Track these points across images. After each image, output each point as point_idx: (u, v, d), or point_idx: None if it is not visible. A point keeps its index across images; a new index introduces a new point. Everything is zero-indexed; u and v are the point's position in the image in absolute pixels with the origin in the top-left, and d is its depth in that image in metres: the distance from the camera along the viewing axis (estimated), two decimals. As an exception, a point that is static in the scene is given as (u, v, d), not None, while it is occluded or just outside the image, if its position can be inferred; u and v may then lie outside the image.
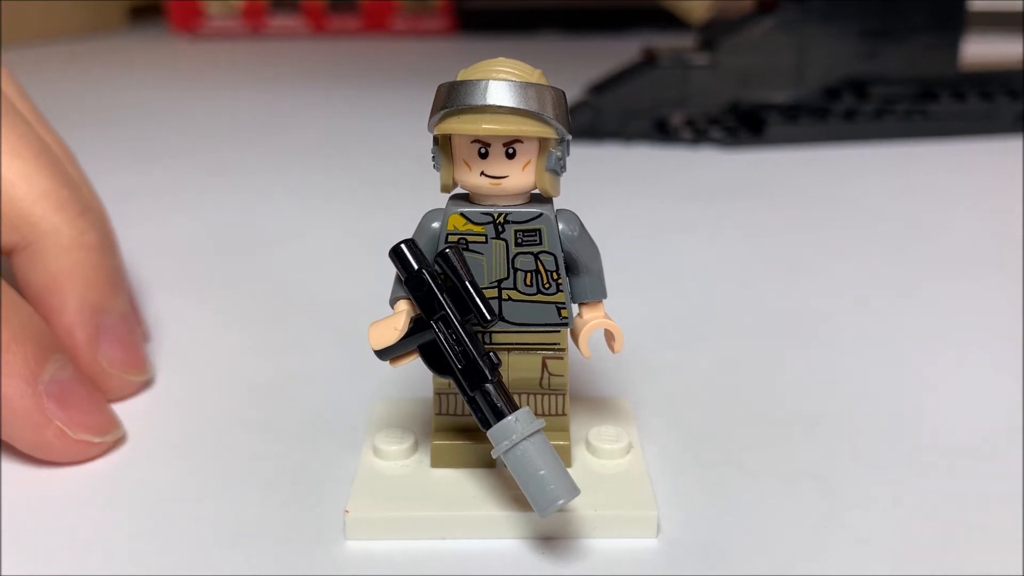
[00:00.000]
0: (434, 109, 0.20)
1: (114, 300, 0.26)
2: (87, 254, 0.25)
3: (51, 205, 0.25)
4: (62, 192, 0.25)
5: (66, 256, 0.25)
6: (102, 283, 0.25)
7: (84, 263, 0.25)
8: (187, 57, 0.89)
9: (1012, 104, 0.53)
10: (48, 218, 0.25)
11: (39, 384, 0.22)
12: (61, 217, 0.25)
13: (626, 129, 0.53)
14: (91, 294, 0.25)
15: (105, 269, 0.26)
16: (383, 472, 0.22)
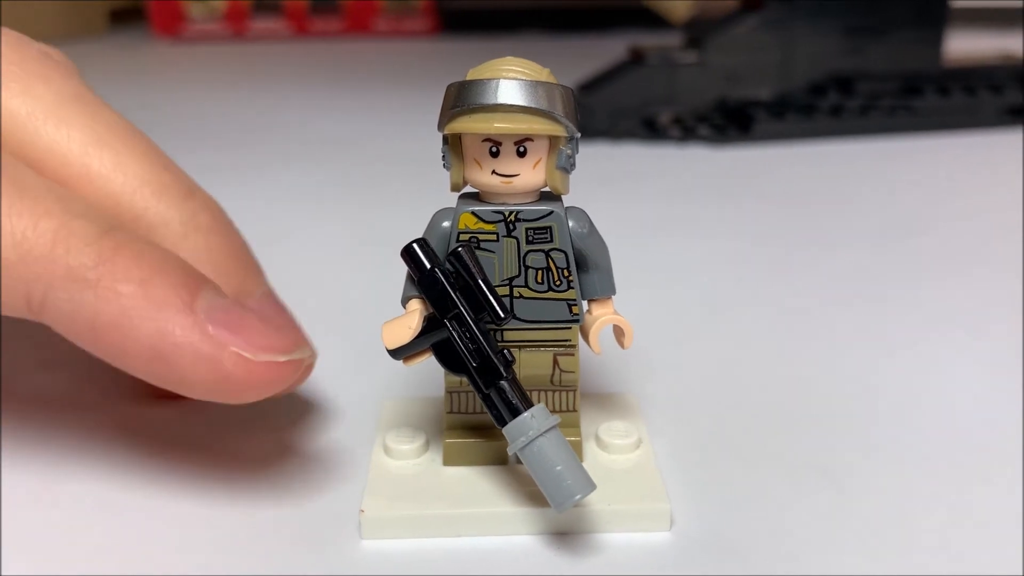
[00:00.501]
0: (444, 108, 0.20)
1: (251, 280, 0.23)
2: (206, 238, 0.22)
3: (153, 192, 0.22)
4: (163, 176, 0.22)
5: (184, 244, 0.22)
6: (232, 265, 0.23)
7: (206, 248, 0.22)
8: (169, 61, 0.88)
9: (995, 99, 0.54)
10: (153, 207, 0.22)
11: (198, 312, 0.19)
12: (167, 204, 0.22)
13: (615, 128, 0.53)
14: (224, 280, 0.22)
15: (231, 249, 0.23)
16: (396, 471, 0.22)
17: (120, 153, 0.22)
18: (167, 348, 0.19)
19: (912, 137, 0.53)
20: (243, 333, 0.19)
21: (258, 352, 0.19)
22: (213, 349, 0.19)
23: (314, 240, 0.39)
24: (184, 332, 0.19)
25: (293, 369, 0.20)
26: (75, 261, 0.19)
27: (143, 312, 0.19)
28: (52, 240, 0.19)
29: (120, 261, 0.19)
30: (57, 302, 0.19)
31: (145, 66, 0.85)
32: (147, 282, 0.19)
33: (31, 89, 0.22)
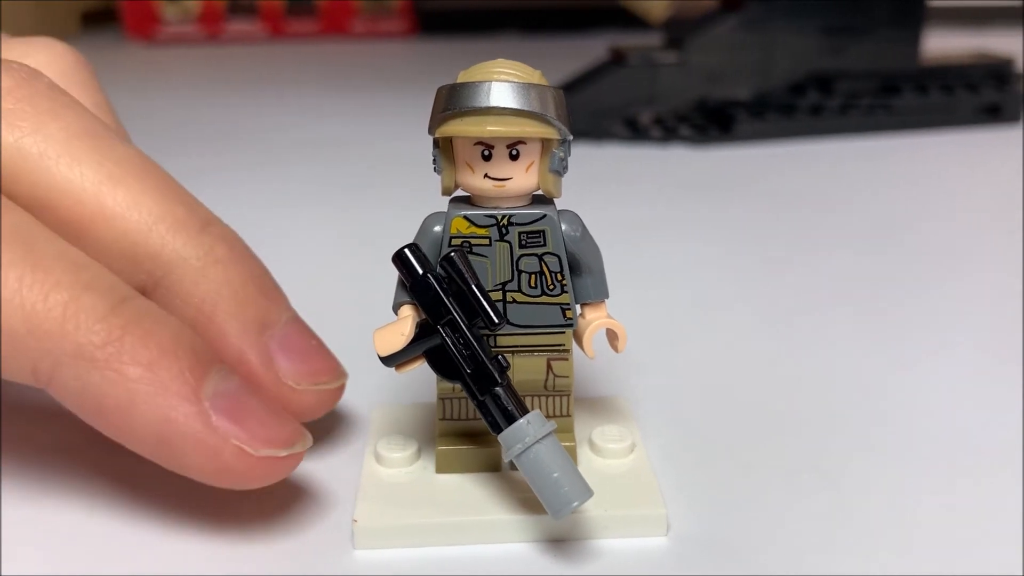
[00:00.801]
0: (434, 111, 0.20)
1: (275, 309, 0.22)
2: (226, 269, 0.22)
3: (168, 228, 0.21)
4: (178, 211, 0.22)
5: (204, 280, 0.21)
6: (254, 295, 0.22)
7: (226, 281, 0.22)
8: (143, 64, 0.87)
9: (971, 97, 0.54)
10: (170, 244, 0.21)
11: (203, 400, 0.19)
12: (183, 239, 0.22)
13: (596, 128, 0.53)
14: (247, 311, 0.22)
15: (252, 279, 0.22)
16: (388, 479, 0.21)
17: (134, 189, 0.22)
18: (170, 435, 0.19)
19: (891, 136, 0.54)
20: (246, 424, 0.19)
21: (259, 447, 0.19)
22: (215, 441, 0.19)
23: (295, 245, 0.39)
24: (188, 421, 0.19)
25: (293, 462, 0.20)
26: (84, 339, 0.18)
27: (149, 398, 0.19)
28: (62, 315, 0.18)
29: (128, 341, 0.19)
30: (64, 379, 0.19)
31: (118, 69, 0.83)
32: (154, 365, 0.19)
33: (42, 127, 0.21)
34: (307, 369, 0.22)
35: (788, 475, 0.22)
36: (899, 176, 0.47)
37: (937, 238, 0.39)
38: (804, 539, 0.20)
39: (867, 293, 0.33)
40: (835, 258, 0.37)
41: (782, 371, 0.28)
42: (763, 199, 0.44)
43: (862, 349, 0.29)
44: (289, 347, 0.22)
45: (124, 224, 0.21)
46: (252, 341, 0.22)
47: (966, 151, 0.51)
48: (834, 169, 0.49)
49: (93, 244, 0.21)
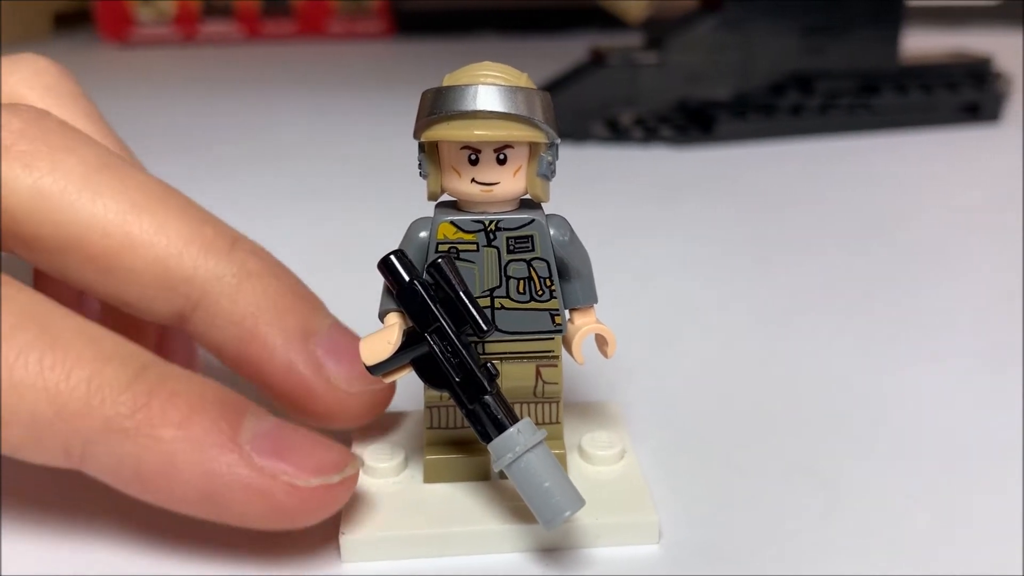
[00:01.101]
0: (420, 115, 0.19)
1: (316, 316, 0.22)
2: (262, 283, 0.22)
3: (199, 249, 0.21)
4: (206, 231, 0.22)
5: (241, 297, 0.21)
6: (292, 303, 0.22)
7: (264, 293, 0.22)
8: (117, 66, 0.86)
9: (951, 96, 0.55)
10: (203, 265, 0.21)
11: (243, 445, 0.18)
12: (216, 258, 0.21)
13: (578, 129, 0.53)
14: (289, 321, 0.22)
15: (288, 288, 0.22)
16: (374, 490, 0.21)
17: (159, 215, 0.21)
18: (217, 488, 0.18)
19: (871, 135, 0.54)
20: (291, 457, 0.19)
21: (309, 477, 0.19)
22: (263, 482, 0.18)
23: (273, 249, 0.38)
24: (231, 469, 0.18)
25: (348, 488, 0.19)
26: (112, 411, 0.18)
27: (187, 455, 0.18)
28: (86, 392, 0.18)
29: (156, 405, 0.18)
30: (98, 454, 0.18)
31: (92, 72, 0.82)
32: (186, 423, 0.18)
33: (59, 164, 0.21)
34: (358, 370, 0.22)
35: (780, 479, 0.22)
36: (881, 175, 0.48)
37: (921, 237, 0.39)
38: (798, 544, 0.20)
39: (853, 293, 0.33)
40: (820, 258, 0.37)
41: (772, 372, 0.28)
42: (745, 200, 0.44)
43: (851, 349, 0.29)
44: (336, 351, 0.22)
45: (154, 250, 0.21)
46: (298, 349, 0.21)
47: (946, 150, 0.52)
48: (816, 169, 0.49)
49: (125, 275, 0.21)
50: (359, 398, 0.22)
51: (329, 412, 0.22)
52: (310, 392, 0.21)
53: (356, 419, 0.22)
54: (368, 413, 0.22)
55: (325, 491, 0.19)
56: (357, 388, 0.22)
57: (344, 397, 0.22)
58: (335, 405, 0.22)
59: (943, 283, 0.34)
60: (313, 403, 0.22)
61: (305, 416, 0.22)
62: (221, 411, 0.19)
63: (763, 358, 0.29)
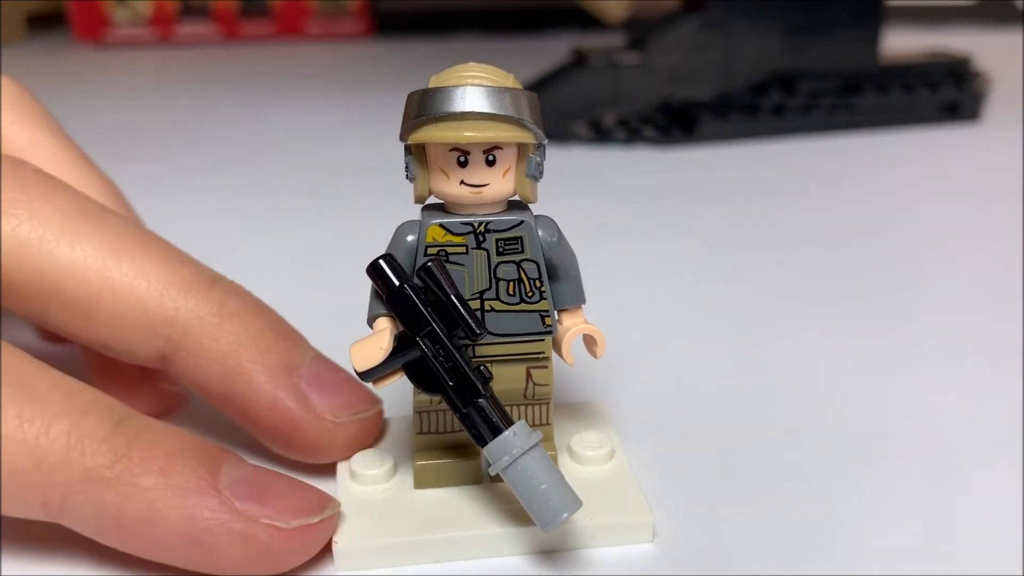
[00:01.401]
0: (406, 117, 0.19)
1: (298, 351, 0.22)
2: (242, 321, 0.22)
3: (179, 291, 0.22)
4: (184, 273, 0.22)
5: (223, 335, 0.21)
6: (274, 339, 0.22)
7: (245, 331, 0.22)
8: (92, 67, 0.85)
9: (931, 96, 0.55)
10: (183, 305, 0.21)
11: (223, 491, 0.19)
12: (196, 298, 0.22)
13: (561, 130, 0.53)
14: (272, 357, 0.22)
15: (268, 325, 0.22)
16: (365, 497, 0.21)
17: (137, 259, 0.22)
18: (199, 533, 0.18)
19: (853, 135, 0.54)
20: (271, 501, 0.19)
21: (290, 518, 0.19)
22: (244, 526, 0.18)
23: (253, 254, 0.38)
24: (213, 514, 0.18)
25: (328, 527, 0.20)
26: (91, 463, 0.18)
27: (168, 502, 0.18)
28: (66, 444, 0.18)
29: (136, 455, 0.19)
30: (78, 506, 0.18)
31: (66, 73, 0.81)
32: (166, 471, 0.18)
33: (37, 213, 0.21)
34: (343, 401, 0.22)
35: (769, 477, 0.22)
36: (863, 175, 0.48)
37: (903, 237, 0.39)
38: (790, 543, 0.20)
39: (837, 292, 0.33)
40: (804, 257, 0.37)
41: (758, 372, 0.28)
42: (729, 200, 0.44)
43: (836, 349, 0.29)
44: (320, 383, 0.22)
45: (134, 294, 0.21)
46: (283, 384, 0.22)
47: (928, 149, 0.52)
48: (798, 169, 0.49)
49: (105, 319, 0.21)
50: (346, 428, 0.22)
51: (317, 445, 0.22)
52: (297, 426, 0.21)
53: (344, 450, 0.22)
54: (356, 444, 0.22)
55: (305, 532, 0.19)
56: (344, 418, 0.22)
57: (331, 428, 0.22)
58: (322, 437, 0.22)
59: (927, 282, 0.34)
60: (300, 436, 0.22)
61: (293, 450, 0.22)
62: (200, 459, 0.19)
63: (748, 358, 0.29)
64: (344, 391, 0.22)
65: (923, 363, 0.28)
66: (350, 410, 0.22)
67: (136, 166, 0.51)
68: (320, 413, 0.22)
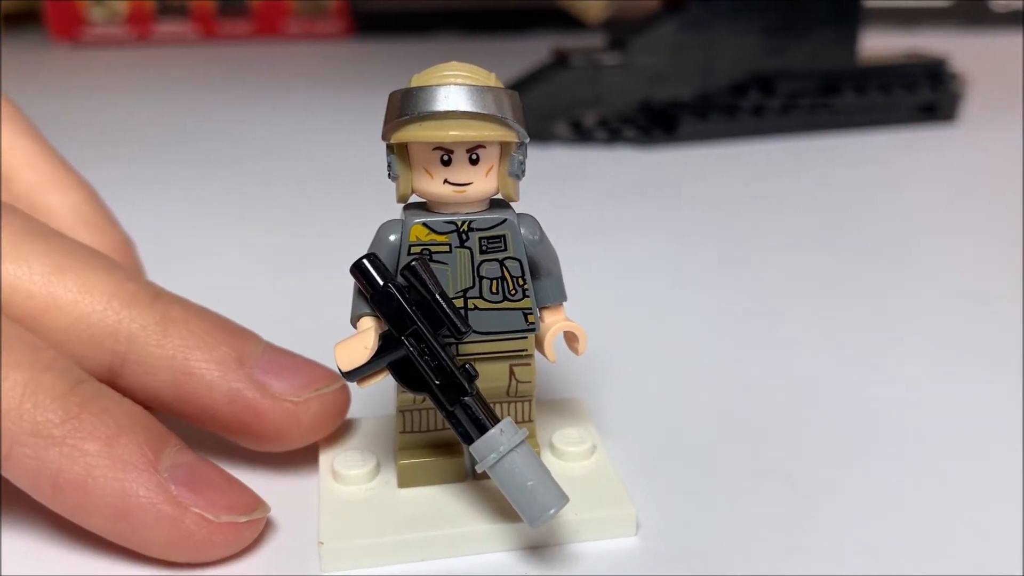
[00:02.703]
0: (388, 117, 0.19)
1: (249, 343, 0.22)
2: (187, 324, 0.22)
3: (123, 303, 0.22)
4: (129, 286, 0.22)
5: (168, 340, 0.21)
6: (223, 337, 0.22)
7: (191, 333, 0.22)
8: (69, 66, 0.84)
9: (908, 96, 0.56)
10: (127, 316, 0.21)
11: (161, 472, 0.19)
12: (139, 309, 0.22)
13: (542, 130, 0.53)
14: (222, 351, 0.22)
15: (215, 325, 0.22)
16: (349, 497, 0.21)
17: (82, 275, 0.22)
18: (130, 507, 0.19)
19: (831, 135, 0.55)
20: (205, 493, 0.19)
21: (220, 513, 0.19)
22: (175, 510, 0.19)
23: (232, 254, 0.38)
24: (147, 492, 0.19)
25: (254, 529, 0.20)
26: (41, 417, 0.19)
27: (107, 471, 0.19)
28: (21, 394, 0.19)
29: (86, 418, 0.19)
30: (21, 457, 0.19)
31: (42, 73, 0.81)
32: (112, 440, 0.19)
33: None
34: (302, 381, 0.22)
35: (750, 473, 0.23)
36: (842, 175, 0.48)
37: (881, 236, 0.39)
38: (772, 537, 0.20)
39: (817, 291, 0.34)
40: (783, 257, 0.37)
41: (737, 371, 0.28)
42: (710, 199, 0.45)
43: (815, 347, 0.29)
44: (276, 368, 0.22)
45: (78, 308, 0.21)
46: (237, 375, 0.21)
47: (905, 149, 0.52)
48: (778, 168, 0.49)
49: (51, 334, 0.21)
50: (308, 406, 0.22)
51: (281, 429, 0.22)
52: (257, 412, 0.21)
53: (311, 431, 0.22)
54: (322, 423, 0.22)
55: (232, 529, 0.19)
56: (304, 396, 0.22)
57: (293, 408, 0.22)
58: (286, 419, 0.21)
59: (905, 280, 0.34)
60: (263, 423, 0.21)
61: (260, 440, 0.22)
62: (146, 436, 0.19)
63: (728, 355, 0.29)
64: (301, 372, 0.22)
65: (903, 360, 0.28)
66: (310, 388, 0.22)
67: (114, 166, 0.50)
68: (280, 396, 0.21)
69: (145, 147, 0.55)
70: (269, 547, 0.20)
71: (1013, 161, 0.50)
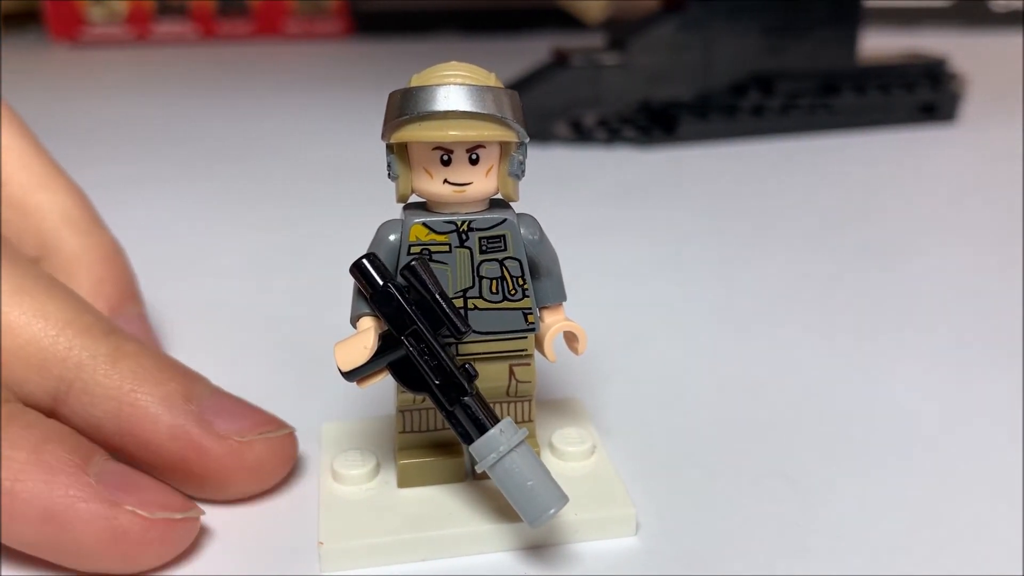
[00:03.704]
0: (388, 117, 0.19)
1: (197, 384, 0.22)
2: (138, 359, 0.21)
3: (77, 332, 0.21)
4: (85, 318, 0.22)
5: (117, 371, 0.21)
6: (172, 374, 0.21)
7: (141, 366, 0.21)
8: (68, 66, 0.84)
9: (908, 96, 0.56)
10: (79, 344, 0.21)
11: (90, 476, 0.19)
12: (92, 339, 0.21)
13: (541, 131, 0.53)
14: (170, 387, 0.21)
15: (166, 363, 0.22)
16: (348, 498, 0.21)
17: (39, 299, 0.22)
18: (59, 508, 0.18)
19: (831, 135, 0.55)
20: (137, 493, 0.19)
21: (154, 510, 0.19)
22: (106, 507, 0.18)
23: (231, 255, 0.38)
24: (75, 490, 0.18)
25: (189, 529, 0.20)
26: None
27: (35, 476, 0.18)
28: None
29: (13, 429, 0.19)
30: None
31: (42, 72, 0.81)
32: (39, 448, 0.19)
33: None
34: (248, 423, 0.21)
35: (750, 478, 0.22)
36: (841, 175, 0.48)
37: (882, 236, 0.39)
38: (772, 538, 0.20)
39: (818, 291, 0.34)
40: (785, 257, 0.37)
41: (738, 370, 0.28)
42: (710, 199, 0.45)
43: (815, 347, 0.29)
44: (222, 410, 0.21)
45: (31, 332, 0.21)
46: (182, 412, 0.21)
47: (904, 149, 0.52)
48: (778, 169, 0.49)
49: (3, 355, 0.21)
50: (252, 447, 0.21)
51: (224, 469, 0.21)
52: (200, 450, 0.21)
53: (254, 474, 0.21)
54: (266, 467, 0.21)
55: (167, 525, 0.19)
56: (249, 437, 0.21)
57: (237, 447, 0.21)
58: (230, 458, 0.21)
59: (904, 280, 0.34)
60: (206, 462, 0.21)
61: (201, 481, 0.21)
62: (73, 445, 0.19)
63: (728, 355, 0.29)
64: (248, 415, 0.22)
65: (903, 360, 0.28)
66: (255, 430, 0.21)
67: (113, 166, 0.50)
68: (224, 435, 0.21)
69: (144, 147, 0.55)
70: (269, 547, 0.20)
71: (1013, 161, 0.50)
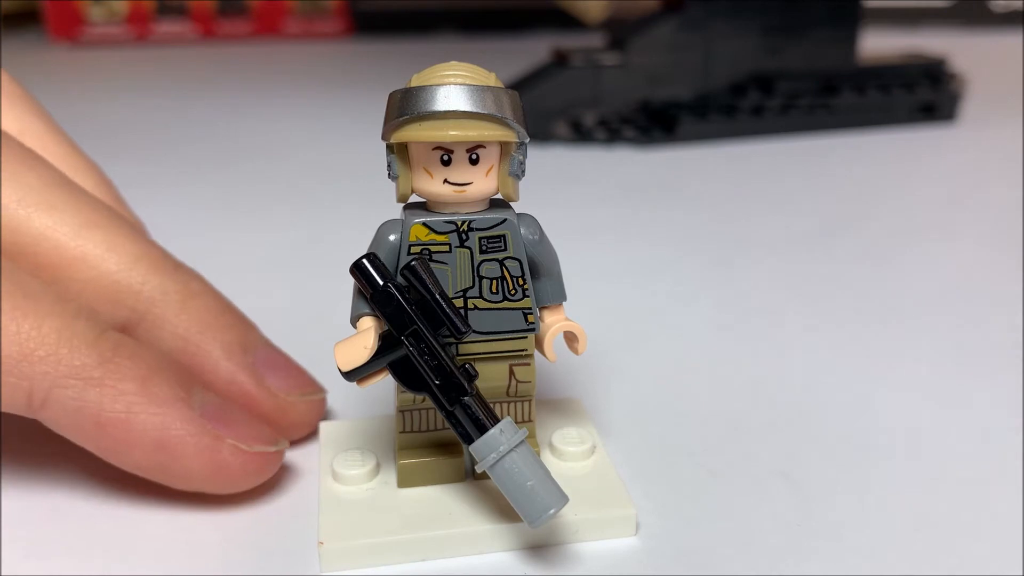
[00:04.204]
0: (388, 117, 0.19)
1: (252, 334, 0.24)
2: (204, 301, 0.23)
3: (148, 268, 0.23)
4: (153, 252, 0.23)
5: (185, 311, 0.23)
6: (233, 322, 0.23)
7: (206, 309, 0.23)
8: (68, 66, 0.84)
9: (908, 96, 0.56)
10: (151, 281, 0.22)
11: (193, 408, 0.20)
12: (162, 276, 0.23)
13: (541, 131, 0.53)
14: (230, 336, 0.23)
15: (227, 307, 0.24)
16: (348, 497, 0.21)
17: (111, 233, 0.23)
18: (169, 440, 0.20)
19: (831, 135, 0.55)
20: (235, 427, 0.21)
21: (251, 443, 0.21)
22: (212, 440, 0.20)
23: (231, 254, 0.38)
24: (184, 424, 0.20)
25: (279, 459, 0.22)
26: (79, 361, 0.20)
27: (146, 407, 0.20)
28: (56, 340, 0.19)
29: (120, 361, 0.20)
30: (62, 400, 0.19)
31: (42, 72, 0.81)
32: (147, 380, 0.20)
33: (19, 176, 0.22)
34: (294, 383, 0.24)
35: (751, 478, 0.22)
36: (841, 175, 0.48)
37: (882, 236, 0.39)
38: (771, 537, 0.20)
39: (819, 290, 0.34)
40: (784, 257, 0.37)
41: (738, 370, 0.28)
42: (709, 199, 0.45)
43: (816, 347, 0.29)
44: (273, 365, 0.23)
45: (105, 264, 0.22)
46: (240, 362, 0.23)
47: (904, 149, 0.53)
48: (777, 169, 0.49)
49: (75, 285, 0.22)
50: (295, 407, 0.23)
51: (268, 420, 0.23)
52: (252, 400, 0.23)
53: (294, 428, 0.23)
54: (303, 423, 0.24)
55: (263, 458, 0.21)
56: (294, 397, 0.23)
57: (283, 405, 0.23)
58: (275, 412, 0.23)
59: (906, 280, 0.34)
60: (254, 411, 0.23)
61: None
62: (176, 376, 0.21)
63: (728, 356, 0.29)
64: (293, 374, 0.24)
65: (904, 361, 0.28)
66: (299, 391, 0.23)
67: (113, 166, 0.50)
68: (273, 391, 0.23)
69: (144, 147, 0.55)
70: (269, 547, 0.20)
71: (1013, 161, 0.50)
